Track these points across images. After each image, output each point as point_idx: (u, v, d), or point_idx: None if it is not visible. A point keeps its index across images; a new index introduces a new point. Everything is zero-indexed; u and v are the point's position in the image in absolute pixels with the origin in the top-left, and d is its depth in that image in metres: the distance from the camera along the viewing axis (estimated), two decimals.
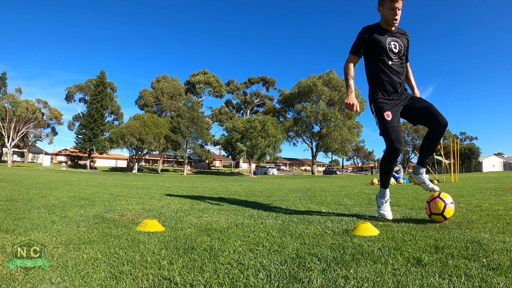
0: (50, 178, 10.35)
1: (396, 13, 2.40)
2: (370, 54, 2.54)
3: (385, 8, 2.42)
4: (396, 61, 2.50)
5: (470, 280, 1.17)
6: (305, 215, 2.76)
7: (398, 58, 2.51)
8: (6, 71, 48.16)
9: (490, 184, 7.45)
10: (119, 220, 2.47)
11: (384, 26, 2.51)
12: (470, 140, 76.35)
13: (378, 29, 2.51)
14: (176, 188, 6.91)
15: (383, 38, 2.47)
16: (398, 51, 2.50)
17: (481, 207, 3.08)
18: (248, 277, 1.22)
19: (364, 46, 2.51)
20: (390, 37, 2.49)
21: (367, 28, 2.51)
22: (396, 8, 2.38)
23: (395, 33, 2.52)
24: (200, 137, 44.10)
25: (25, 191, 4.88)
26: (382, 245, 1.65)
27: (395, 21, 2.44)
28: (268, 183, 12.14)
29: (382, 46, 2.46)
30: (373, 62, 2.54)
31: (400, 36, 2.54)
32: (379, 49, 2.48)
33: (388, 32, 2.51)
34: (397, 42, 2.50)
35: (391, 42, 2.48)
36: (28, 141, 51.87)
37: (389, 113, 2.45)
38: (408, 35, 2.60)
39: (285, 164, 76.75)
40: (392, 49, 2.48)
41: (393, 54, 2.49)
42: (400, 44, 2.51)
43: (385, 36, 2.48)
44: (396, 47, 2.49)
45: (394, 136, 2.38)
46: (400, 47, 2.51)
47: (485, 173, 32.48)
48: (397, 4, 2.37)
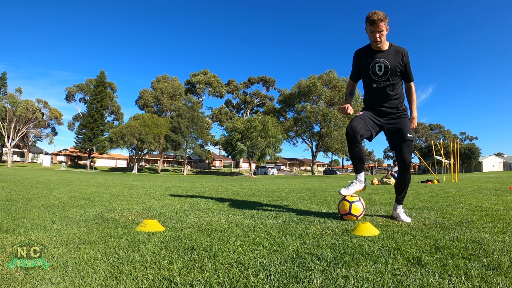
0: (50, 178, 10.35)
1: (376, 36, 2.43)
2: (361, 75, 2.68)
3: (368, 30, 2.47)
4: (381, 84, 2.54)
5: (470, 280, 1.17)
6: (305, 215, 2.76)
7: (383, 81, 2.54)
8: (6, 71, 48.15)
9: (490, 184, 7.45)
10: (119, 220, 2.47)
11: (373, 47, 2.55)
12: (470, 140, 76.44)
13: (367, 51, 2.57)
14: (176, 188, 6.91)
15: (367, 62, 2.54)
16: (384, 73, 2.51)
17: (481, 207, 3.08)
18: (248, 277, 1.22)
19: (357, 70, 2.67)
20: (377, 59, 2.52)
21: (356, 53, 2.64)
22: (375, 31, 2.42)
23: (384, 53, 2.52)
24: (200, 137, 44.10)
25: (25, 191, 4.88)
26: (382, 245, 1.65)
27: (376, 43, 2.47)
28: (268, 183, 12.14)
29: (366, 70, 2.56)
30: (363, 81, 2.68)
31: (390, 56, 2.52)
32: (365, 72, 2.59)
33: (377, 52, 2.53)
34: (384, 63, 2.50)
35: (376, 65, 2.52)
36: (28, 141, 51.87)
37: (363, 112, 2.63)
38: (404, 52, 2.54)
39: (285, 164, 76.75)
40: (376, 72, 2.52)
41: (377, 77, 2.53)
42: (387, 65, 2.49)
43: (371, 59, 2.53)
44: (381, 69, 2.50)
45: (352, 123, 2.52)
46: (386, 68, 2.49)
47: (485, 173, 32.49)
48: (375, 27, 2.40)
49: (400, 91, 2.63)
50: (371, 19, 2.40)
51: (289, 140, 52.57)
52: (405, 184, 2.62)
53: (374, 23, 2.39)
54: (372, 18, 2.39)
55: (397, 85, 2.59)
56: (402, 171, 2.60)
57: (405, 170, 2.57)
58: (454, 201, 3.76)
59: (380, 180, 10.71)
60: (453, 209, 2.98)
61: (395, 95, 2.59)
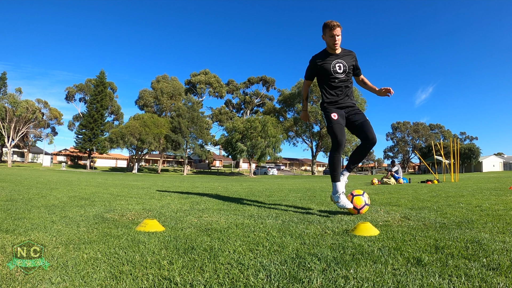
0: (50, 178, 10.35)
1: (336, 40, 2.82)
2: (320, 76, 3.02)
3: (327, 36, 2.85)
4: (341, 81, 2.94)
5: (470, 280, 1.17)
6: (305, 215, 2.76)
7: (343, 78, 2.94)
8: (6, 71, 48.12)
9: (490, 184, 7.45)
10: (119, 220, 2.47)
11: (329, 51, 2.95)
12: (470, 140, 76.38)
13: (325, 55, 2.96)
14: (176, 188, 6.91)
15: (328, 63, 2.92)
16: (343, 71, 2.93)
17: (481, 207, 3.08)
18: (248, 277, 1.22)
19: (314, 72, 3.02)
20: (335, 60, 2.93)
21: (314, 57, 2.98)
22: (335, 36, 2.81)
23: (340, 55, 2.95)
24: (200, 137, 44.09)
25: (25, 191, 4.88)
26: (382, 245, 1.65)
27: (335, 45, 2.87)
28: (268, 183, 12.14)
29: (327, 69, 2.92)
30: (322, 82, 3.02)
31: (345, 57, 2.96)
32: (325, 72, 2.93)
33: (333, 55, 2.94)
34: (342, 63, 2.93)
35: (336, 65, 2.92)
36: (28, 141, 51.87)
37: (335, 114, 2.92)
38: (354, 54, 3.04)
39: (285, 164, 76.72)
40: (337, 71, 2.93)
41: (338, 74, 2.93)
42: (345, 65, 2.93)
43: (329, 60, 2.93)
44: (341, 68, 2.93)
45: (338, 131, 2.81)
46: (345, 67, 2.93)
47: (485, 173, 32.48)
48: (335, 31, 2.80)
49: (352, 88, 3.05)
50: (331, 25, 2.80)
51: (289, 140, 52.60)
52: (362, 157, 3.04)
53: (334, 28, 2.79)
54: (332, 23, 2.81)
55: (351, 82, 3.03)
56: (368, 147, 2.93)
57: (371, 146, 2.92)
58: (454, 201, 3.76)
59: (380, 180, 10.71)
60: (453, 209, 2.98)
61: (351, 91, 3.03)
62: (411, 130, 72.84)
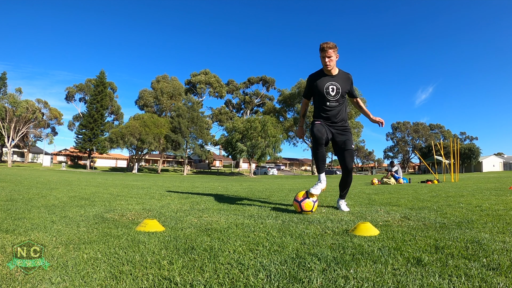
0: (50, 178, 10.35)
1: (326, 61, 2.89)
2: (313, 95, 3.13)
3: (320, 57, 2.93)
4: (333, 103, 3.01)
5: (470, 280, 1.17)
6: (305, 215, 2.76)
7: (335, 101, 3.01)
8: (6, 71, 48.13)
9: (490, 184, 7.45)
10: (119, 220, 2.47)
11: (325, 72, 3.00)
12: (470, 140, 76.34)
13: (321, 74, 3.02)
14: (176, 188, 6.91)
15: (321, 84, 2.99)
16: (335, 93, 2.98)
17: (481, 207, 3.08)
18: (248, 277, 1.22)
19: (310, 91, 3.12)
20: (329, 82, 2.97)
21: (310, 77, 3.07)
22: (325, 57, 2.88)
23: (335, 77, 2.99)
24: (200, 137, 44.08)
25: (25, 191, 4.88)
26: (382, 245, 1.65)
27: (326, 67, 2.93)
28: (268, 183, 12.13)
29: (320, 91, 2.99)
30: (315, 101, 3.12)
31: (339, 80, 3.00)
32: (318, 93, 3.02)
33: (328, 76, 2.99)
34: (335, 86, 2.97)
35: (329, 87, 2.97)
36: (28, 141, 51.86)
37: (320, 121, 3.04)
38: (350, 77, 3.07)
39: (285, 164, 76.72)
40: (330, 93, 2.98)
41: (330, 97, 2.99)
42: (338, 88, 2.98)
43: (324, 82, 2.98)
44: (334, 90, 2.97)
45: (316, 129, 2.93)
46: (338, 90, 2.98)
47: (485, 173, 32.48)
48: (326, 54, 2.87)
49: (345, 111, 3.13)
50: (321, 47, 2.87)
51: (289, 140, 52.58)
52: (347, 184, 3.18)
53: (323, 50, 2.86)
54: (322, 46, 2.87)
55: (344, 105, 3.09)
56: (345, 174, 3.15)
57: (348, 174, 3.13)
58: (454, 201, 3.76)
59: (380, 180, 10.71)
60: (453, 209, 2.98)
61: (343, 113, 3.09)
62: (411, 130, 72.83)
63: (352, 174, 3.19)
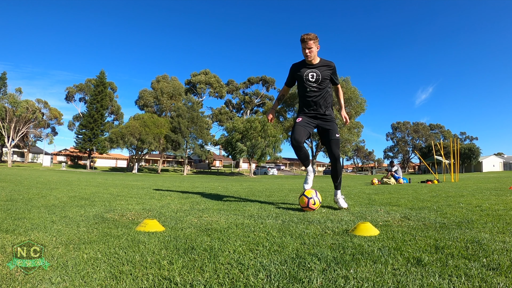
0: (50, 178, 10.35)
1: (307, 52, 3.06)
2: (295, 83, 3.32)
3: (302, 48, 3.09)
4: (313, 89, 3.17)
5: (470, 280, 1.17)
6: (305, 215, 2.76)
7: (315, 87, 3.17)
8: (6, 71, 48.14)
9: (490, 184, 7.45)
10: (119, 220, 2.47)
11: (307, 61, 3.17)
12: (470, 140, 76.36)
13: (302, 64, 3.21)
14: (176, 188, 6.91)
15: (302, 72, 3.18)
16: (315, 80, 3.15)
17: (481, 207, 3.08)
18: (248, 277, 1.22)
19: (292, 78, 3.31)
20: (309, 69, 3.16)
21: (293, 65, 3.26)
22: (305, 48, 3.04)
23: (316, 66, 3.17)
24: (200, 137, 44.08)
25: (25, 191, 4.88)
26: (382, 245, 1.65)
27: (307, 57, 3.11)
28: (268, 183, 12.13)
29: (301, 77, 3.19)
30: (299, 88, 3.29)
31: (320, 67, 3.17)
32: (300, 79, 3.21)
33: (308, 65, 3.17)
34: (315, 73, 3.15)
35: (309, 74, 3.16)
36: (28, 141, 51.85)
37: (300, 118, 3.22)
38: (331, 65, 3.21)
39: (285, 164, 76.68)
40: (309, 79, 3.16)
41: (310, 83, 3.16)
42: (318, 74, 3.14)
43: (304, 70, 3.18)
44: (313, 77, 3.15)
45: (295, 132, 3.13)
46: (318, 77, 3.14)
47: (485, 173, 32.47)
48: (305, 45, 3.03)
49: (328, 98, 3.25)
50: (302, 38, 3.03)
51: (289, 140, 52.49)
52: (337, 173, 3.33)
53: (304, 41, 3.02)
54: (302, 37, 3.03)
55: (327, 93, 3.22)
56: (333, 163, 3.32)
57: (336, 162, 3.30)
58: (454, 201, 3.76)
59: (380, 180, 10.71)
60: (453, 209, 2.98)
61: (325, 101, 3.22)
62: (411, 130, 72.86)
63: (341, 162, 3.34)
